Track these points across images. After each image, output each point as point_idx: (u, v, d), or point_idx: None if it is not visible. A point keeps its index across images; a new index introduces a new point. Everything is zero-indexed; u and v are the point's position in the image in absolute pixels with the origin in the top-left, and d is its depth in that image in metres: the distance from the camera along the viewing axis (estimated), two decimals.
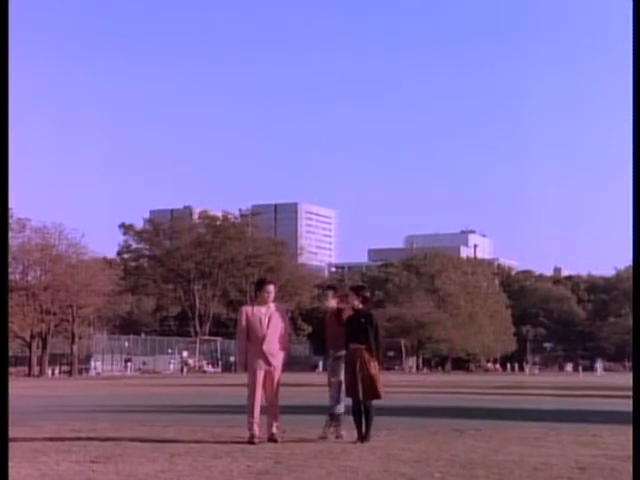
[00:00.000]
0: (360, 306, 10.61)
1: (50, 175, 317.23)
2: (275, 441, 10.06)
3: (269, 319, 10.33)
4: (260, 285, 10.73)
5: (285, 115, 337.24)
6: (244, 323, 10.41)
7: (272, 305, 10.46)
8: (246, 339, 10.38)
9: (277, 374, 10.37)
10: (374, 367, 10.30)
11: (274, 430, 10.23)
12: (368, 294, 10.95)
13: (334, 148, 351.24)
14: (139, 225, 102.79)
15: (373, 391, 10.29)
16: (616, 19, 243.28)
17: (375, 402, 10.51)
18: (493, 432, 11.81)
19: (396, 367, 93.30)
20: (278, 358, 10.37)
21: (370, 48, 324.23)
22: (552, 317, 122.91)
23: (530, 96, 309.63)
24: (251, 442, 10.02)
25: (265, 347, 10.26)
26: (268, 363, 10.29)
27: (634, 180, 8.70)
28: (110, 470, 8.01)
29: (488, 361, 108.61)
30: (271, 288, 10.51)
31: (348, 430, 10.50)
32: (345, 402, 10.55)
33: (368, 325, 10.39)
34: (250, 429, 10.21)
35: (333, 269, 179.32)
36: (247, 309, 10.56)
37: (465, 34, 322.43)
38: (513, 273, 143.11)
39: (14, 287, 64.50)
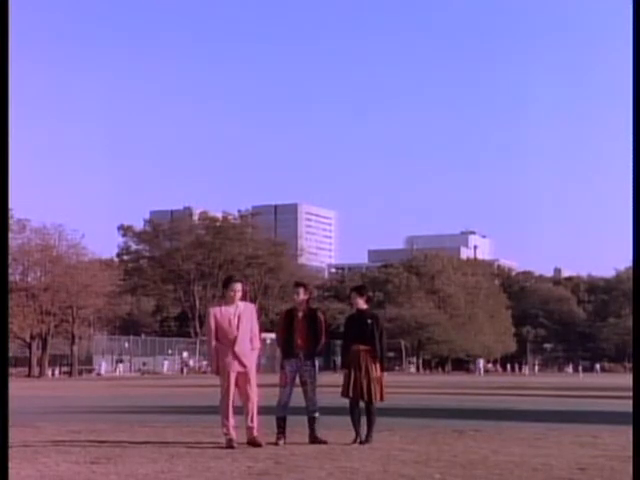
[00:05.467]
0: (364, 306, 10.56)
1: (50, 175, 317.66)
2: (259, 445, 9.78)
3: (239, 319, 10.02)
4: (227, 283, 10.30)
5: (285, 116, 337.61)
6: (213, 325, 10.09)
7: (240, 304, 10.13)
8: (215, 341, 10.08)
9: (252, 375, 10.08)
10: (377, 369, 10.25)
11: (254, 433, 9.94)
12: (370, 294, 10.86)
13: (334, 149, 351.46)
14: (139, 226, 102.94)
15: (377, 393, 10.25)
16: (616, 21, 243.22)
17: (376, 402, 10.49)
18: (493, 433, 11.80)
19: (396, 368, 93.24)
20: (250, 359, 10.09)
21: (371, 50, 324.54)
22: (552, 318, 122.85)
23: (530, 97, 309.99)
24: (230, 446, 9.73)
25: (237, 348, 9.95)
26: (242, 365, 10.00)
27: (634, 180, 8.70)
28: (110, 471, 8.01)
29: (488, 362, 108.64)
30: (238, 287, 10.13)
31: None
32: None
33: (374, 326, 10.30)
34: (227, 433, 9.91)
35: (333, 270, 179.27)
36: (215, 310, 10.21)
37: (468, 37, 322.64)
38: (513, 274, 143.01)
39: (14, 288, 64.47)
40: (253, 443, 9.87)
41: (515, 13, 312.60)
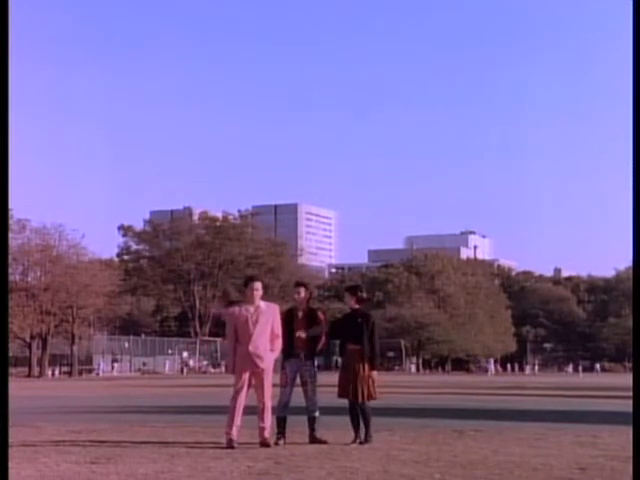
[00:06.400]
0: (356, 306, 10.56)
1: (50, 175, 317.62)
2: (267, 446, 9.73)
3: (257, 319, 9.95)
4: (247, 282, 10.29)
5: (285, 115, 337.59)
6: (231, 324, 10.10)
7: (262, 304, 10.07)
8: (235, 340, 10.05)
9: (266, 376, 9.97)
10: (366, 369, 10.22)
11: (266, 435, 9.90)
12: (364, 294, 10.81)
13: (334, 149, 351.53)
14: (139, 226, 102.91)
15: (364, 393, 10.22)
16: (616, 21, 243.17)
17: (376, 402, 10.48)
18: (493, 433, 11.80)
19: (396, 368, 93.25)
20: (266, 360, 9.97)
21: (371, 51, 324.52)
22: (552, 318, 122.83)
23: (530, 97, 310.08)
24: (230, 446, 9.67)
25: (251, 348, 9.88)
26: (254, 365, 9.91)
27: (634, 180, 8.70)
28: (110, 471, 8.00)
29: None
30: (257, 285, 10.06)
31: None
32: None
33: (363, 326, 10.29)
34: (228, 433, 9.84)
35: (333, 270, 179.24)
36: (234, 310, 10.18)
37: (468, 37, 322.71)
38: (513, 274, 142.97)
39: (14, 288, 64.45)
40: (263, 444, 9.82)
41: (515, 13, 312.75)
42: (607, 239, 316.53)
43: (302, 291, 10.47)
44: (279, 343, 10.10)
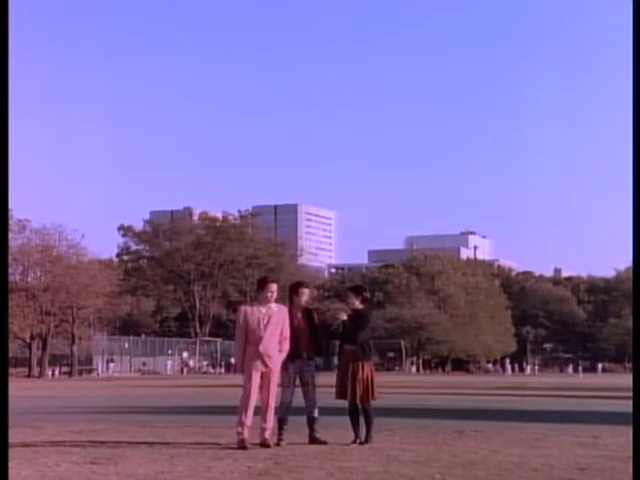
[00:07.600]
0: (360, 306, 10.55)
1: (50, 176, 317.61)
2: (267, 446, 9.74)
3: (268, 320, 9.99)
4: (263, 284, 10.31)
5: (285, 116, 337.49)
6: (242, 323, 10.10)
7: (273, 305, 10.11)
8: (244, 340, 10.08)
9: (272, 376, 10.04)
10: (364, 370, 10.21)
11: (266, 435, 9.91)
12: (367, 294, 10.80)
13: (334, 149, 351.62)
14: (139, 226, 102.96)
15: (364, 394, 10.22)
16: (616, 22, 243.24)
17: (376, 403, 10.47)
18: (493, 433, 11.80)
19: (396, 368, 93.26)
20: (275, 360, 10.03)
21: (370, 51, 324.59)
22: (552, 318, 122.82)
23: (530, 97, 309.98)
24: (242, 447, 9.65)
25: (261, 348, 9.92)
26: (264, 365, 9.96)
27: (634, 181, 8.70)
28: (110, 471, 8.00)
29: (488, 362, 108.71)
30: (274, 287, 10.11)
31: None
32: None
33: (358, 325, 10.28)
34: (240, 433, 9.84)
35: (333, 270, 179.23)
36: (246, 309, 10.20)
37: (467, 38, 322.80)
38: (513, 274, 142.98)
39: (14, 288, 64.46)
40: (263, 444, 9.83)
41: (515, 13, 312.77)
42: (607, 239, 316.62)
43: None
44: (287, 345, 10.14)
